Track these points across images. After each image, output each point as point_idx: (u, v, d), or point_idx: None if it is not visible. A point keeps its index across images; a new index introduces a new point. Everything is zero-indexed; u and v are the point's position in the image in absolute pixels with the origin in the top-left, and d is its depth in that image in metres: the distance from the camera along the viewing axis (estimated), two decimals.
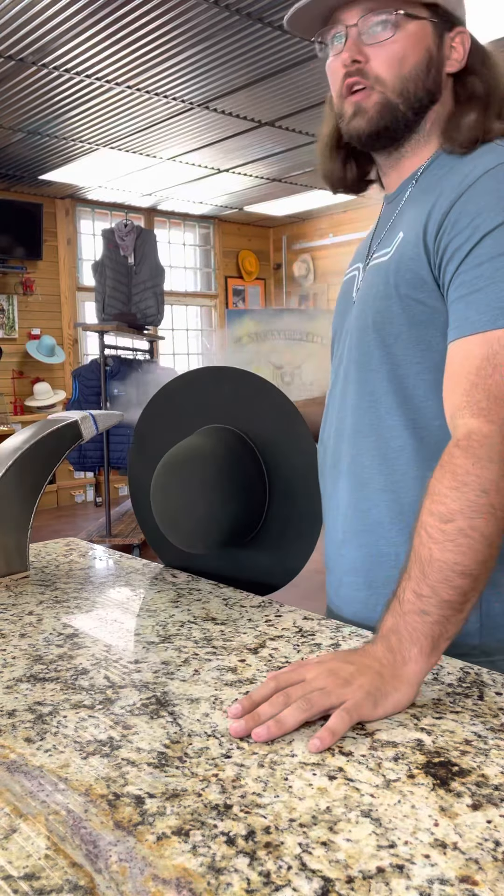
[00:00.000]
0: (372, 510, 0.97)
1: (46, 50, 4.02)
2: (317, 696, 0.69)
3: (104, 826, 0.56)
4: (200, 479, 1.06)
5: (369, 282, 0.98)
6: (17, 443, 1.25)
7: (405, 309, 0.91)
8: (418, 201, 0.94)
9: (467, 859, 0.51)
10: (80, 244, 7.63)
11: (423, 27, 0.93)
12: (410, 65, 0.92)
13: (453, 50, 0.95)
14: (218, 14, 3.65)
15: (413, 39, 0.92)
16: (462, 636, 0.91)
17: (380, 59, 0.92)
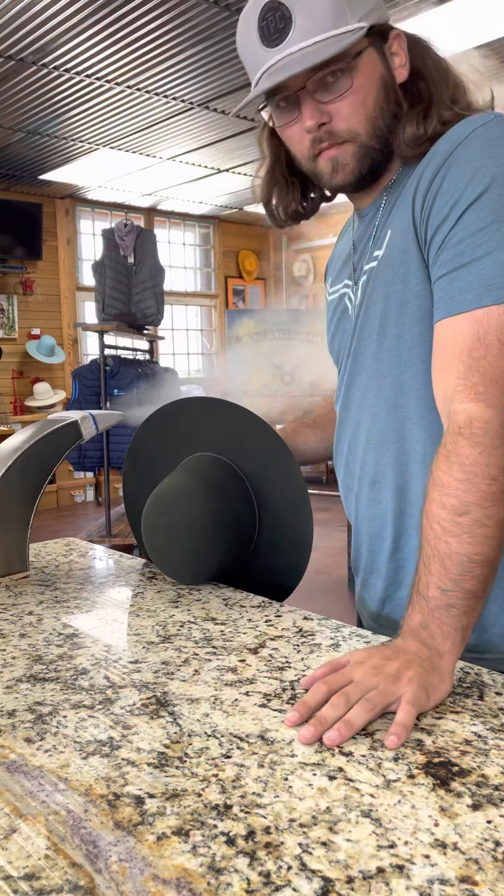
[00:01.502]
0: (414, 515, 0.96)
1: (46, 50, 4.02)
2: (376, 695, 0.69)
3: (104, 826, 0.56)
4: (188, 519, 1.06)
5: (365, 290, 0.98)
6: (17, 443, 1.25)
7: (406, 305, 0.91)
8: (401, 198, 0.93)
9: (467, 859, 0.51)
10: (79, 244, 7.63)
11: (369, 57, 0.89)
12: (372, 102, 0.89)
13: (396, 57, 0.91)
14: (218, 14, 3.65)
15: (366, 75, 0.88)
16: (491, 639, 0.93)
17: (343, 112, 0.88)
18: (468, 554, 0.75)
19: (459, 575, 0.75)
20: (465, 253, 0.82)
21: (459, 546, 0.76)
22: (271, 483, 1.13)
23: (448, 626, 0.75)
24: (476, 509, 0.76)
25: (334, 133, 0.90)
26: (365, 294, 0.98)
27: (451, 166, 0.85)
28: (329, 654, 0.88)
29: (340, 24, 0.85)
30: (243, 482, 1.14)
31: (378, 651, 0.75)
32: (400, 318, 0.92)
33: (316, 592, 4.15)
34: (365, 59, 0.88)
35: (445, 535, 0.76)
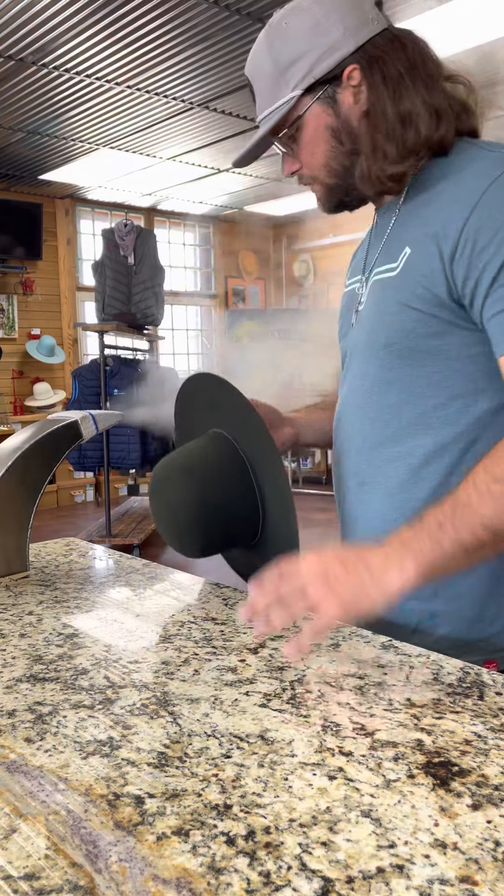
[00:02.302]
0: (401, 518, 0.96)
1: (46, 50, 4.02)
2: (296, 600, 0.79)
3: (104, 826, 0.56)
4: (182, 496, 1.08)
5: (377, 297, 0.98)
6: (17, 443, 1.25)
7: (419, 323, 0.91)
8: (417, 213, 0.93)
9: (467, 859, 0.51)
10: (79, 244, 7.63)
11: (312, 114, 0.97)
12: (321, 152, 0.99)
13: (354, 92, 0.95)
14: (218, 14, 3.65)
15: (309, 133, 0.98)
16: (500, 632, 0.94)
17: (303, 162, 1.01)
18: (483, 514, 0.78)
19: (463, 525, 0.78)
20: None
21: (479, 503, 0.78)
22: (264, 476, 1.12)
23: (422, 553, 0.78)
24: None
25: (302, 177, 1.04)
26: (375, 301, 0.98)
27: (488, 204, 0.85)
28: (329, 653, 0.88)
29: (277, 97, 0.97)
30: (245, 467, 1.10)
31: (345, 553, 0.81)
32: (414, 332, 0.92)
33: None
34: (308, 116, 0.98)
35: (473, 491, 0.80)
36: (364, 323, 1.01)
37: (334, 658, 0.86)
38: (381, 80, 0.93)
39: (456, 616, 0.95)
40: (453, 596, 0.95)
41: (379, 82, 0.93)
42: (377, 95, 0.93)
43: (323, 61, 0.94)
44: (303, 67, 0.95)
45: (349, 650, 0.89)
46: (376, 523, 1.00)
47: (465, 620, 0.95)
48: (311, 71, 0.95)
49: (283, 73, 0.96)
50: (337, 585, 0.78)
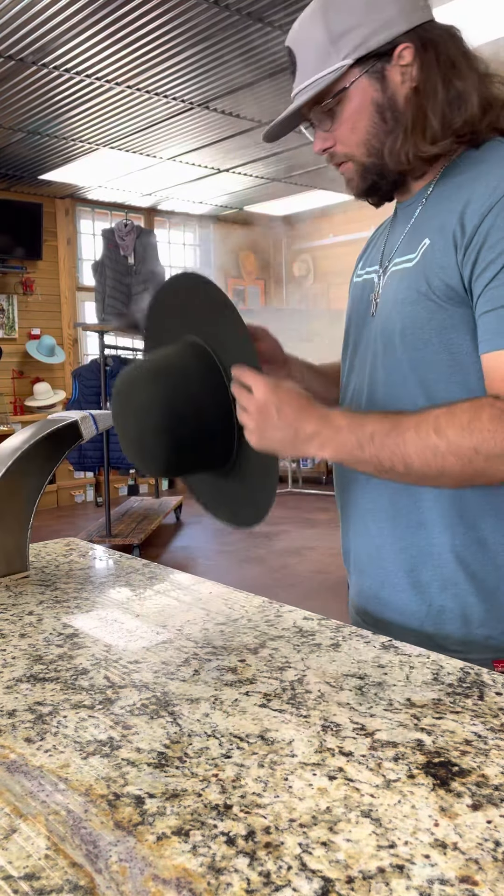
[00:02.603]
0: (414, 512, 0.98)
1: (46, 50, 4.02)
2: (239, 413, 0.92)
3: (104, 826, 0.56)
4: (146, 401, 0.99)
5: (394, 288, 0.98)
6: (17, 443, 1.25)
7: (434, 315, 0.92)
8: (441, 208, 0.94)
9: (467, 859, 0.51)
10: (80, 244, 7.63)
11: (358, 87, 0.95)
12: (363, 128, 0.97)
13: (403, 70, 0.95)
14: (218, 14, 3.65)
15: (353, 106, 0.96)
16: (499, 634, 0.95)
17: (339, 138, 0.99)
18: (407, 452, 0.85)
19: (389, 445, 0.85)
20: None
21: (412, 441, 0.84)
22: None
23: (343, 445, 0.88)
24: (447, 447, 0.82)
25: (335, 155, 1.01)
26: (392, 290, 0.98)
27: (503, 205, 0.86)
28: (329, 653, 0.88)
29: (325, 64, 0.95)
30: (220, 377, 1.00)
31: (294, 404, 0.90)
32: (429, 325, 0.93)
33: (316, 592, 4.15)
34: (353, 89, 0.96)
35: (415, 426, 0.85)
36: (380, 313, 1.01)
37: (334, 658, 0.86)
38: (435, 61, 0.93)
39: (464, 615, 0.95)
40: (460, 595, 0.95)
41: (433, 62, 0.94)
42: (428, 75, 0.93)
43: (378, 34, 0.93)
44: (356, 38, 0.93)
45: (349, 650, 0.89)
46: (386, 518, 1.00)
47: (473, 619, 0.95)
48: (364, 42, 0.93)
49: (335, 41, 0.94)
50: (266, 428, 0.90)
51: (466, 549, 0.95)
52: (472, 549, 0.95)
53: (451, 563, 0.95)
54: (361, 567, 1.07)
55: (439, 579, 0.96)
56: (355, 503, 1.06)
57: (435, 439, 0.83)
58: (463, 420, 0.83)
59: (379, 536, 1.02)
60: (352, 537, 1.08)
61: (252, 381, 0.92)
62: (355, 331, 1.09)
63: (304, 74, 0.98)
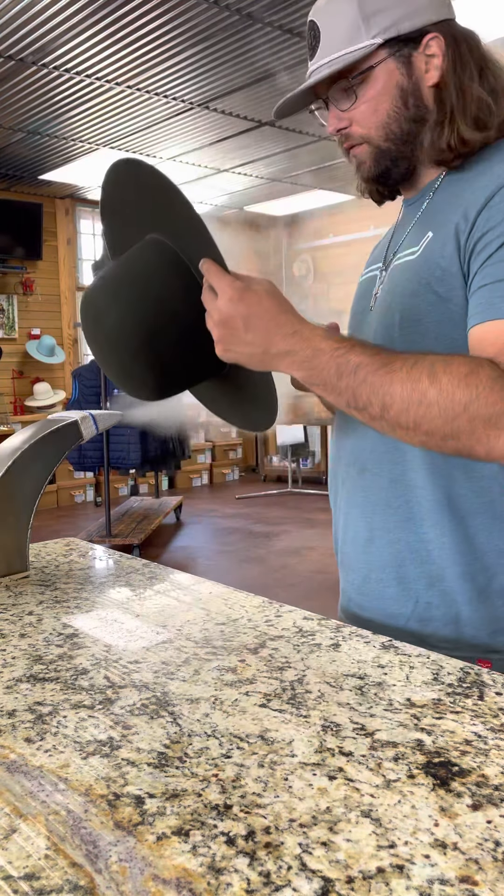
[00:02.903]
0: (403, 506, 0.97)
1: (46, 50, 4.02)
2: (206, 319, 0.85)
3: (104, 826, 0.56)
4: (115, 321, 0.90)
5: (394, 280, 0.98)
6: (17, 443, 1.25)
7: (434, 307, 0.91)
8: (446, 202, 0.94)
9: (467, 859, 0.51)
10: (79, 244, 7.63)
11: (384, 69, 0.94)
12: (384, 111, 0.95)
13: (429, 60, 0.94)
14: (218, 14, 3.65)
15: (378, 87, 0.95)
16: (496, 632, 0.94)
17: (357, 118, 0.97)
18: (392, 394, 0.79)
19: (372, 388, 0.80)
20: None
21: (398, 385, 0.79)
22: None
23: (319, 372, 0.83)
24: (435, 394, 0.78)
25: (350, 136, 0.99)
26: (393, 283, 0.98)
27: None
28: (329, 653, 0.88)
29: (354, 41, 0.93)
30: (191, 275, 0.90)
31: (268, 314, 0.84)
32: (427, 317, 0.92)
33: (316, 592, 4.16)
34: (379, 70, 0.94)
35: (405, 372, 0.80)
36: (378, 306, 1.01)
37: (334, 658, 0.86)
38: (469, 55, 0.93)
39: (450, 614, 0.95)
40: (448, 591, 0.95)
41: (466, 55, 0.93)
42: (464, 64, 0.93)
43: (409, 19, 0.93)
44: (388, 19, 0.93)
45: (349, 650, 0.89)
46: (377, 512, 1.00)
47: (459, 619, 0.95)
48: (396, 24, 0.93)
49: (367, 18, 0.93)
50: (232, 341, 0.84)
51: (456, 547, 0.94)
52: (461, 547, 0.94)
53: (440, 560, 0.95)
54: (349, 563, 1.07)
55: (426, 576, 0.96)
56: (346, 497, 1.06)
57: (426, 384, 0.78)
58: (461, 371, 0.78)
59: (367, 530, 1.02)
60: (341, 532, 1.08)
61: (217, 283, 0.84)
62: (355, 325, 1.09)
63: (328, 49, 0.95)
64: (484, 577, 0.94)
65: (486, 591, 0.94)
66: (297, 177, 6.78)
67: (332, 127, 0.99)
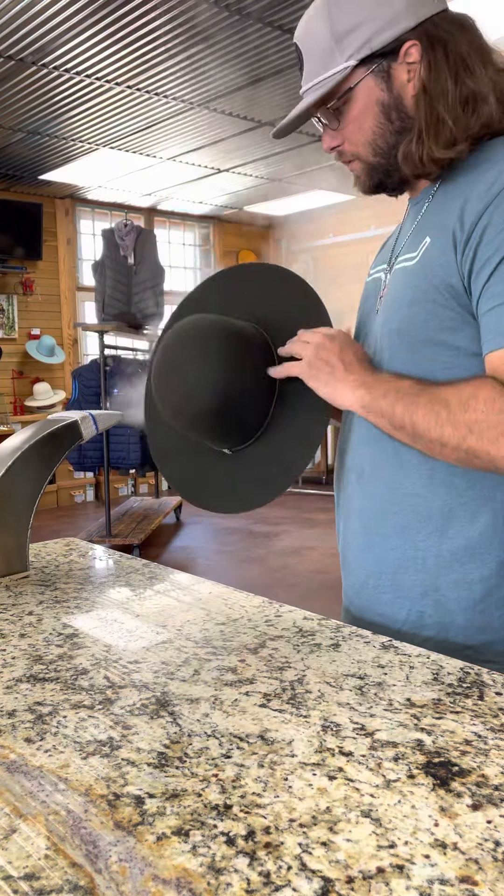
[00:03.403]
0: (400, 513, 0.97)
1: (46, 50, 4.02)
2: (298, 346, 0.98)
3: (104, 826, 0.56)
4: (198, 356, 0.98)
5: (395, 286, 0.98)
6: (17, 443, 1.25)
7: (433, 315, 0.90)
8: (443, 206, 0.93)
9: (467, 859, 0.51)
10: (80, 244, 7.63)
11: (363, 87, 0.94)
12: (368, 128, 0.96)
13: (409, 68, 0.92)
14: (218, 14, 3.65)
15: (359, 106, 0.96)
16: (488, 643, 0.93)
17: (346, 137, 0.99)
18: (417, 411, 0.88)
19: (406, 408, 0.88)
20: None
21: (420, 409, 0.87)
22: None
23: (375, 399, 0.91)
24: (446, 414, 0.85)
25: (343, 153, 1.01)
26: (394, 289, 0.98)
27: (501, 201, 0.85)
28: (329, 653, 0.88)
29: (330, 65, 0.94)
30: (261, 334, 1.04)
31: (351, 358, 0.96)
32: (427, 324, 0.92)
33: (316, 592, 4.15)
34: (358, 90, 0.95)
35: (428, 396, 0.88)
36: (382, 311, 1.00)
37: (334, 658, 0.86)
38: (444, 59, 0.91)
39: (444, 620, 0.95)
40: (442, 600, 0.94)
41: (441, 61, 0.91)
42: (437, 74, 0.91)
43: (382, 33, 0.91)
44: (360, 37, 0.92)
45: (349, 650, 0.89)
46: (374, 518, 1.00)
47: (453, 626, 0.94)
48: (368, 41, 0.92)
49: (339, 40, 0.93)
50: (316, 367, 0.96)
51: (452, 556, 0.93)
52: (458, 555, 0.93)
53: (434, 569, 0.94)
54: (349, 566, 1.07)
55: (420, 585, 0.96)
56: (347, 501, 1.06)
57: (438, 407, 0.86)
58: (464, 395, 0.84)
59: (366, 536, 1.02)
60: (342, 536, 1.08)
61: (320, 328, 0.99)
62: (363, 328, 1.08)
63: (311, 73, 0.97)
64: (481, 587, 0.93)
65: (484, 600, 0.93)
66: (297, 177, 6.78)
67: (325, 145, 1.02)
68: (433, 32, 0.91)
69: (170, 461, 1.13)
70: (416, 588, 0.96)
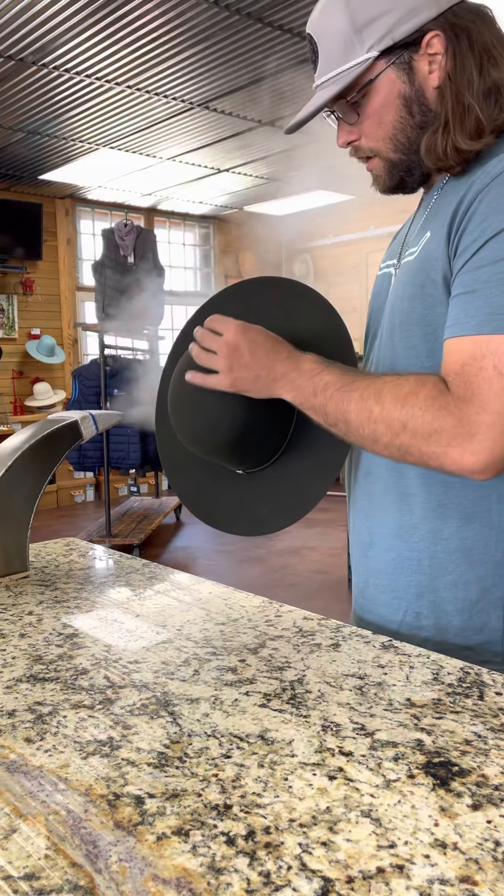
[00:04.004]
0: (396, 513, 0.97)
1: (46, 50, 4.02)
2: (205, 358, 0.94)
3: (104, 826, 0.56)
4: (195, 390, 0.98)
5: (400, 280, 0.97)
6: (17, 443, 1.25)
7: (430, 310, 0.90)
8: (447, 200, 0.91)
9: (467, 859, 0.51)
10: (80, 244, 7.63)
11: (384, 79, 0.91)
12: (390, 122, 0.93)
13: (433, 59, 0.90)
14: (218, 14, 3.65)
15: (380, 99, 0.92)
16: (485, 643, 0.93)
17: (365, 132, 0.95)
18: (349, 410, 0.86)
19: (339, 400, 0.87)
20: (480, 279, 0.82)
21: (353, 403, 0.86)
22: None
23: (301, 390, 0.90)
24: (380, 411, 0.84)
25: (360, 150, 0.98)
26: (398, 284, 0.98)
27: (490, 192, 0.84)
28: (329, 653, 0.88)
29: (349, 57, 0.91)
30: None
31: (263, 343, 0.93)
32: (425, 318, 0.91)
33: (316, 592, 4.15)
34: (379, 82, 0.92)
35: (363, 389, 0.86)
36: (387, 306, 1.00)
37: (334, 658, 0.86)
38: (469, 49, 0.88)
39: (441, 622, 0.95)
40: (438, 601, 0.94)
41: (466, 50, 0.88)
42: (462, 64, 0.88)
43: (404, 23, 0.88)
44: (382, 27, 0.88)
45: (349, 650, 0.89)
46: (375, 518, 1.00)
47: (449, 627, 0.94)
48: (390, 32, 0.88)
49: (359, 31, 0.89)
50: (237, 367, 0.92)
51: (448, 558, 0.93)
52: (453, 557, 0.93)
53: (430, 570, 0.94)
54: (354, 566, 1.08)
55: (416, 586, 0.95)
56: (354, 500, 1.06)
57: (372, 403, 0.85)
58: (403, 391, 0.84)
59: (368, 535, 1.02)
60: (351, 534, 1.09)
61: (221, 324, 0.94)
62: (373, 324, 1.07)
63: (327, 66, 0.93)
64: (477, 588, 0.93)
65: (481, 601, 0.93)
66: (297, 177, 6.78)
67: (341, 140, 0.98)
68: (456, 22, 0.89)
69: (182, 477, 1.12)
70: (412, 589, 0.96)
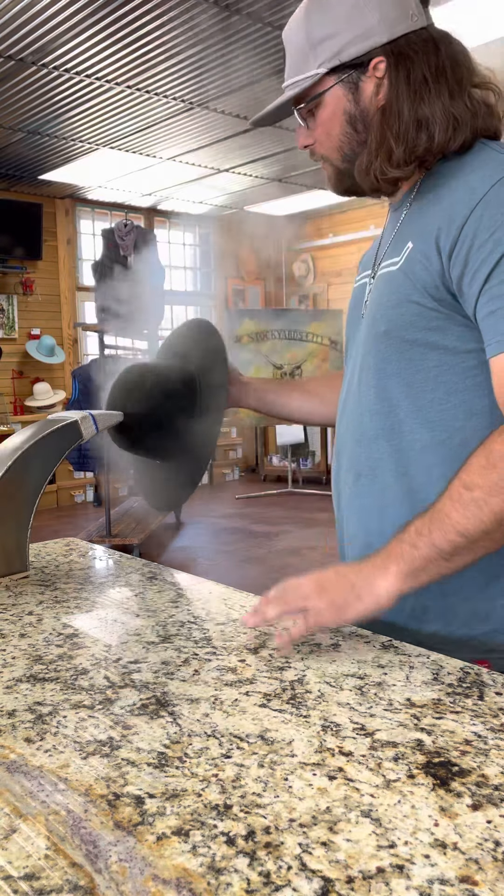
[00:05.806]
0: (399, 511, 0.97)
1: (46, 50, 4.02)
2: (292, 597, 0.87)
3: (104, 826, 0.56)
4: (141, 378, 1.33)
5: (380, 290, 0.99)
6: (17, 443, 1.25)
7: (419, 317, 0.92)
8: (424, 211, 0.94)
9: (467, 859, 0.51)
10: (79, 244, 7.63)
11: (333, 95, 0.97)
12: (336, 134, 0.99)
13: (378, 83, 0.94)
14: (218, 14, 3.65)
15: (328, 112, 0.98)
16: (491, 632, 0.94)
17: (317, 139, 1.01)
18: (455, 520, 0.82)
19: (438, 530, 0.83)
20: None
21: (451, 510, 0.83)
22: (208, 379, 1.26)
23: (402, 558, 0.84)
24: (480, 491, 0.81)
25: (314, 153, 1.04)
26: (379, 293, 0.99)
27: (489, 204, 0.86)
28: (329, 653, 0.88)
29: (303, 69, 0.97)
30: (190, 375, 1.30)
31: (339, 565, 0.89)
32: (414, 327, 0.93)
33: None
34: (328, 96, 0.97)
35: (448, 500, 0.84)
36: (367, 316, 1.02)
37: (334, 658, 0.86)
38: (405, 80, 0.93)
39: (447, 613, 0.95)
40: (444, 593, 0.95)
41: (402, 81, 0.93)
42: (397, 94, 0.93)
43: (353, 46, 0.94)
44: (332, 47, 0.94)
45: (349, 650, 0.89)
46: (374, 517, 1.00)
47: (456, 618, 0.95)
48: (339, 53, 0.94)
49: (313, 47, 0.96)
50: (331, 590, 0.85)
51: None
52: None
53: None
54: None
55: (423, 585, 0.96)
56: (346, 502, 1.06)
57: (469, 494, 0.82)
58: (481, 462, 0.82)
59: (366, 536, 1.02)
60: (342, 537, 1.09)
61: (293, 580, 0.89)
62: (349, 334, 1.10)
63: (290, 71, 1.00)
64: (481, 577, 0.94)
65: (485, 590, 0.94)
66: (297, 177, 6.78)
67: (299, 143, 1.04)
68: (402, 51, 0.93)
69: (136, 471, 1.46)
70: None
